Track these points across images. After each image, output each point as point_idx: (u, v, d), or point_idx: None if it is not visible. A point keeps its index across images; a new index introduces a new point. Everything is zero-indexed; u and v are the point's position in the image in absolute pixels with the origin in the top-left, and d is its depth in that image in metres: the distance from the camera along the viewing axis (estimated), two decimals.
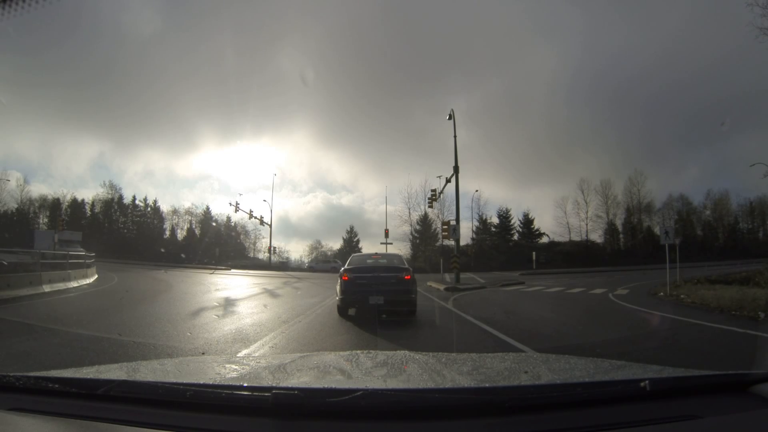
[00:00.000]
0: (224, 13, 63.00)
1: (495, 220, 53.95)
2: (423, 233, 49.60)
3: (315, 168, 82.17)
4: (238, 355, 5.41)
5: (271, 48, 71.40)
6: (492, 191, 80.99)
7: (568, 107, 67.06)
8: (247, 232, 56.36)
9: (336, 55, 70.68)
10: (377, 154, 77.51)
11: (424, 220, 49.50)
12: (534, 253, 42.93)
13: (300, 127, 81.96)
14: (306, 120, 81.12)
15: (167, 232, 56.99)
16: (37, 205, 55.57)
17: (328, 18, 69.20)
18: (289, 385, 1.62)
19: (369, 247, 51.55)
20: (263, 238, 53.30)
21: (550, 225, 58.44)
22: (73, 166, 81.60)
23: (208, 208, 57.90)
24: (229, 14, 63.46)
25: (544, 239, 51.94)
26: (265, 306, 11.92)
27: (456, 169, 23.14)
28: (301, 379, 2.00)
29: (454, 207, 24.78)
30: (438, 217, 43.13)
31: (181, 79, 70.25)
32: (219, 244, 51.13)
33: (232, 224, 56.06)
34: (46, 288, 13.29)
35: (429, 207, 34.19)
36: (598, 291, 16.61)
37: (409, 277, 8.95)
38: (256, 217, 42.22)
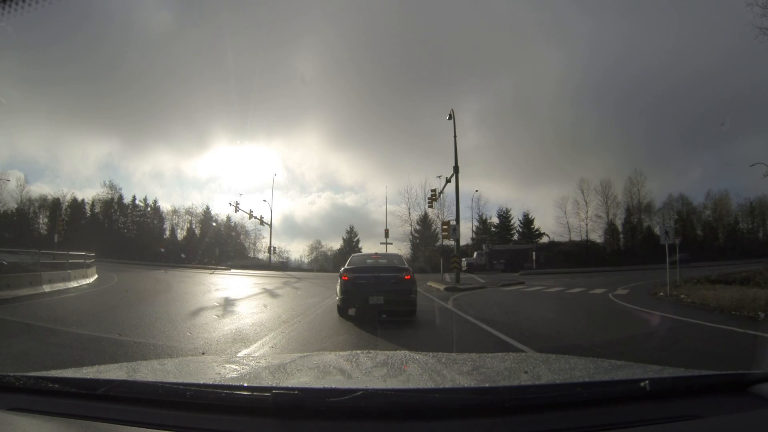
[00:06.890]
0: (237, 13, 63.02)
1: (495, 220, 54.13)
2: (423, 233, 49.59)
3: (324, 170, 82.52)
4: (238, 355, 5.41)
5: (282, 50, 71.52)
6: (495, 191, 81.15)
7: (573, 109, 67.31)
8: (247, 232, 56.41)
9: (348, 58, 71.07)
10: (387, 156, 77.88)
11: (424, 220, 49.57)
12: (534, 253, 42.90)
13: (310, 128, 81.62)
14: (316, 122, 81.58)
15: (167, 232, 56.93)
16: (37, 205, 55.67)
17: (340, 20, 69.22)
18: (289, 385, 1.62)
19: (370, 247, 51.54)
20: (263, 238, 53.36)
21: (550, 225, 58.35)
22: (80, 166, 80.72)
23: (208, 207, 57.88)
24: (241, 14, 63.68)
25: (544, 239, 51.99)
26: (264, 306, 11.92)
27: (456, 169, 23.13)
28: (301, 379, 2.00)
29: (454, 207, 24.81)
30: (438, 217, 43.14)
31: (191, 79, 70.49)
32: (219, 244, 51.12)
33: (232, 224, 56.06)
34: (46, 288, 13.29)
35: (429, 207, 34.24)
36: (598, 291, 16.61)
37: (409, 277, 8.94)
38: (255, 217, 42.29)
